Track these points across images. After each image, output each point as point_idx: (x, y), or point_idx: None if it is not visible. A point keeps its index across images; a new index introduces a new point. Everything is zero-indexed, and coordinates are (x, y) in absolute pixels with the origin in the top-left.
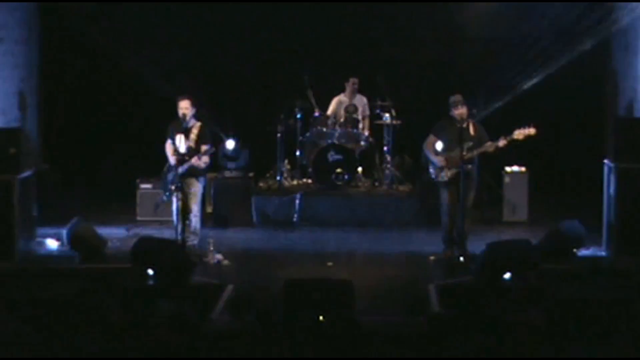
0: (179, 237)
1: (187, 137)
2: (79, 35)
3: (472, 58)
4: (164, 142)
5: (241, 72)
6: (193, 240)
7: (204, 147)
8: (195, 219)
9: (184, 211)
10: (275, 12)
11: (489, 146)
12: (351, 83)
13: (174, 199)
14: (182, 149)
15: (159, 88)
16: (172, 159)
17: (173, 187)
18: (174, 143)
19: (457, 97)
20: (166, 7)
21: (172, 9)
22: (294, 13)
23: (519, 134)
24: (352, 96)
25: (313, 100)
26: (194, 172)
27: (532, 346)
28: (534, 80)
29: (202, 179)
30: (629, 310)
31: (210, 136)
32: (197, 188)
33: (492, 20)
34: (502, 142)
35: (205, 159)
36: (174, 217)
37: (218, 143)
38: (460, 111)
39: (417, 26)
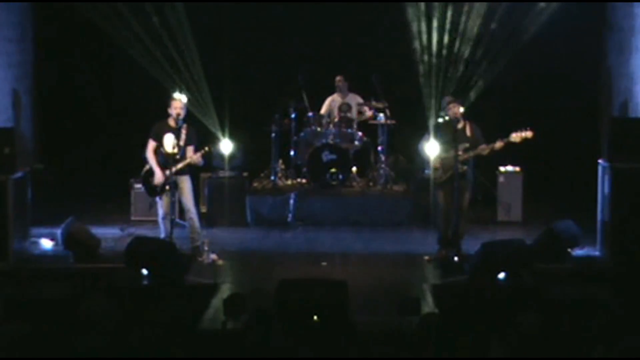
0: (170, 236)
1: (177, 137)
2: (74, 35)
3: (465, 57)
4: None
5: (236, 72)
6: (197, 242)
7: (190, 148)
8: (195, 218)
9: (181, 208)
10: (270, 12)
11: (484, 148)
12: (336, 81)
13: (162, 200)
14: (170, 148)
15: (154, 87)
16: (155, 167)
17: (166, 187)
18: (160, 143)
19: (450, 98)
20: (161, 6)
21: (167, 8)
22: (289, 13)
23: (516, 136)
24: (344, 95)
25: (306, 101)
26: (185, 169)
27: (526, 346)
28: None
29: (190, 176)
30: (623, 310)
31: (197, 137)
32: (189, 184)
33: (485, 18)
34: (498, 144)
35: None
36: (162, 219)
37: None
38: (454, 110)
39: (412, 26)
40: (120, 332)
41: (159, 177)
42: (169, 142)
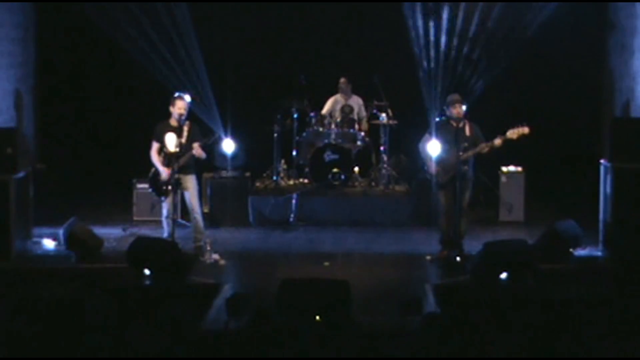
0: (171, 236)
1: (179, 135)
2: (76, 35)
3: (466, 56)
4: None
5: (238, 72)
6: (200, 241)
7: (195, 145)
8: (199, 218)
9: (184, 208)
10: (272, 12)
11: (484, 147)
12: (340, 83)
13: (167, 200)
14: (173, 147)
15: (157, 87)
16: (160, 166)
17: (169, 187)
18: (163, 143)
19: (455, 96)
20: (165, 6)
21: (169, 8)
22: (291, 13)
23: (513, 133)
24: (347, 96)
25: (308, 102)
26: (190, 169)
27: (528, 346)
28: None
29: (196, 176)
30: (625, 309)
31: (200, 134)
32: (195, 184)
33: (486, 18)
34: (497, 142)
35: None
36: (165, 219)
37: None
38: (458, 110)
39: (413, 26)
40: (122, 332)
41: (164, 175)
42: (171, 141)
